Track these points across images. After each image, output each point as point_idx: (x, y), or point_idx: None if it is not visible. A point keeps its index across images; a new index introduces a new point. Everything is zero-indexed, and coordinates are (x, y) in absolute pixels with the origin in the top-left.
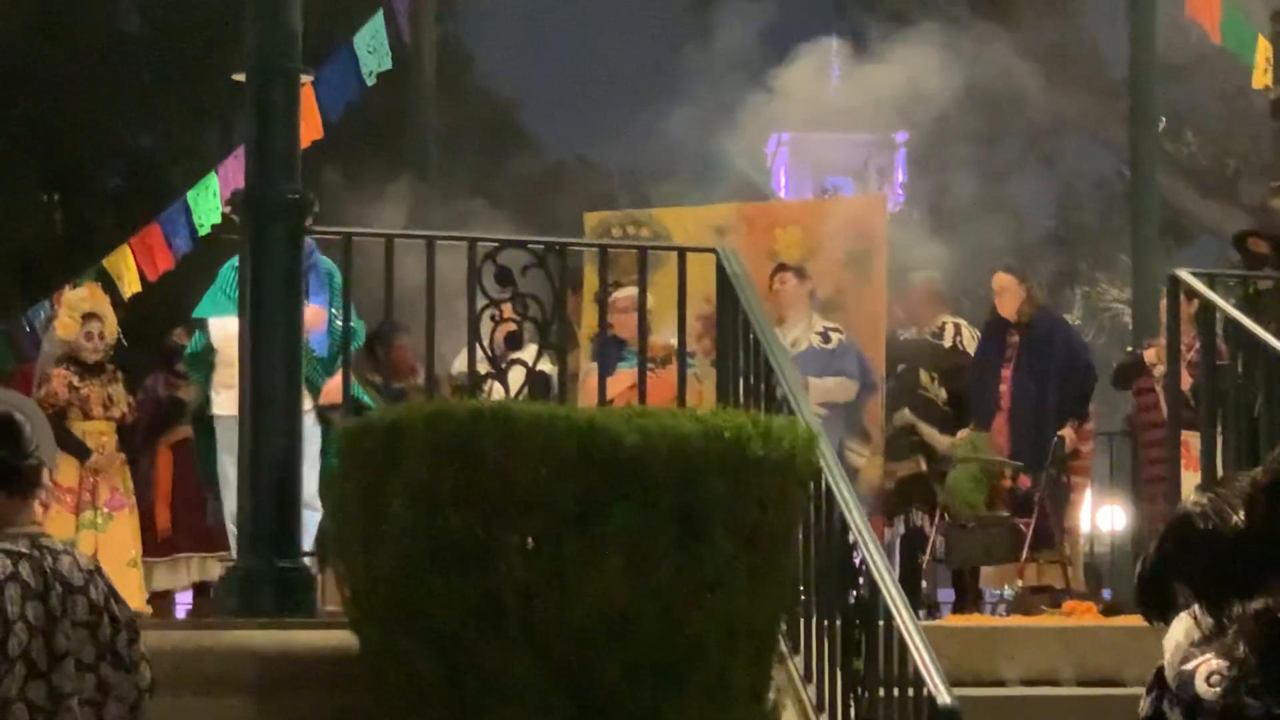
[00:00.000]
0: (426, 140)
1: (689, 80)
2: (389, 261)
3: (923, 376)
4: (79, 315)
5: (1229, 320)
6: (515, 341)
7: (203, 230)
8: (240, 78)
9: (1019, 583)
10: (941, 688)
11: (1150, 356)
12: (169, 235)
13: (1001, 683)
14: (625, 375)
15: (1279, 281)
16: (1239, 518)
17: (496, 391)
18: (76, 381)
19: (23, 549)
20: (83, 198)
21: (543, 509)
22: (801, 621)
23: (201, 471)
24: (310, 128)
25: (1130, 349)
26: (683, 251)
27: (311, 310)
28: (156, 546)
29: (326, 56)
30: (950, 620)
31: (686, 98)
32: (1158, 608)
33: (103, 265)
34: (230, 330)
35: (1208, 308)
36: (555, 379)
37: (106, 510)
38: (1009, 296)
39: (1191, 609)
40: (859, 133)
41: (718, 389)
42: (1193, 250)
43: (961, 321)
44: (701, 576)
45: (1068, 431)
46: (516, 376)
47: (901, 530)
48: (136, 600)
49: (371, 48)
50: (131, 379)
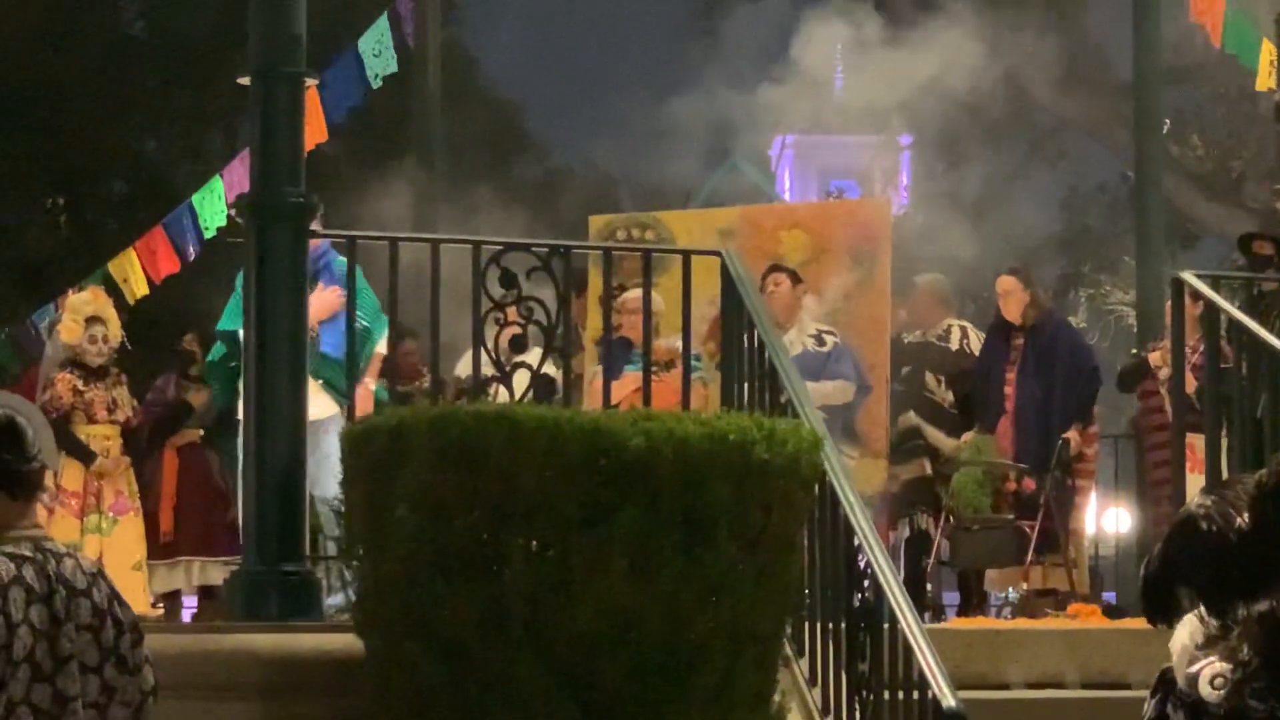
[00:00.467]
0: (431, 144)
1: (694, 83)
2: (393, 264)
3: (929, 379)
4: (82, 319)
5: (1233, 322)
6: (520, 345)
7: (208, 233)
8: (245, 81)
9: (1024, 586)
10: (946, 691)
11: (1155, 359)
12: (174, 238)
13: (1006, 686)
14: (633, 378)
15: None
16: (1243, 520)
17: (501, 395)
18: (80, 385)
19: (26, 552)
20: (88, 203)
21: (547, 513)
22: (806, 625)
23: (227, 475)
24: (315, 131)
25: (1135, 351)
26: (687, 254)
27: (322, 297)
28: (159, 549)
29: (332, 60)
30: (955, 623)
31: (691, 101)
32: (1162, 610)
33: (108, 269)
34: None
35: (1212, 310)
36: (560, 382)
37: (111, 514)
38: (1013, 300)
39: (1196, 612)
40: (863, 135)
41: (722, 392)
42: (1197, 253)
43: (967, 324)
44: (706, 580)
45: (1072, 434)
46: (521, 380)
47: (906, 533)
48: (141, 604)
49: (376, 51)
50: (137, 382)
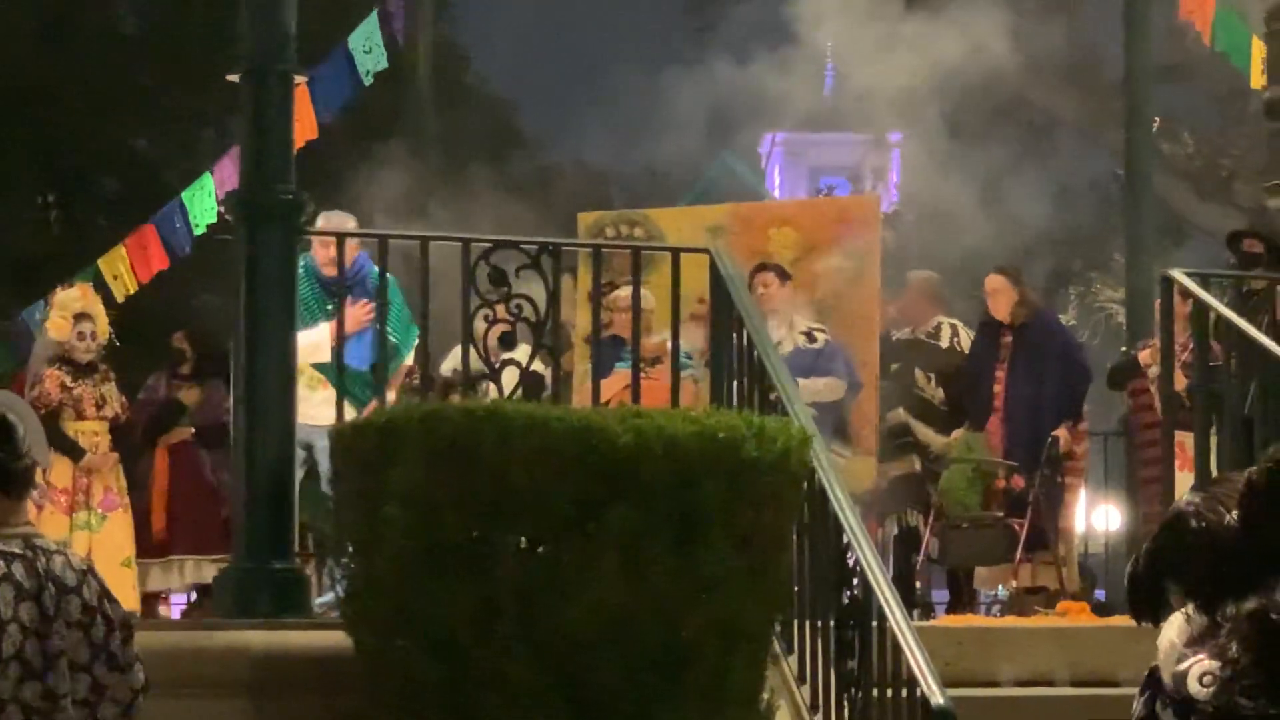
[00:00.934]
0: (422, 141)
1: (684, 81)
2: (383, 262)
3: (919, 376)
4: (71, 315)
5: (1223, 320)
6: (509, 342)
7: (198, 230)
8: (235, 79)
9: (1013, 583)
10: (935, 688)
11: (1145, 357)
12: (165, 236)
13: (996, 683)
14: (623, 376)
15: (1272, 281)
16: (1233, 518)
17: (491, 392)
18: (69, 382)
19: (16, 550)
20: (79, 200)
21: (538, 510)
22: (796, 622)
23: (219, 473)
24: (305, 128)
25: (1125, 349)
26: (676, 252)
27: (352, 312)
28: (152, 548)
29: (323, 57)
30: (944, 621)
31: (681, 98)
32: (1150, 608)
33: (98, 267)
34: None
35: (1202, 308)
36: (549, 379)
37: (100, 511)
38: (1002, 298)
39: (1183, 610)
40: (853, 132)
41: (711, 390)
42: (1188, 251)
43: (958, 322)
44: (697, 578)
45: (1062, 432)
46: (510, 377)
47: (895, 531)
48: (130, 600)
49: (367, 48)
50: (125, 379)
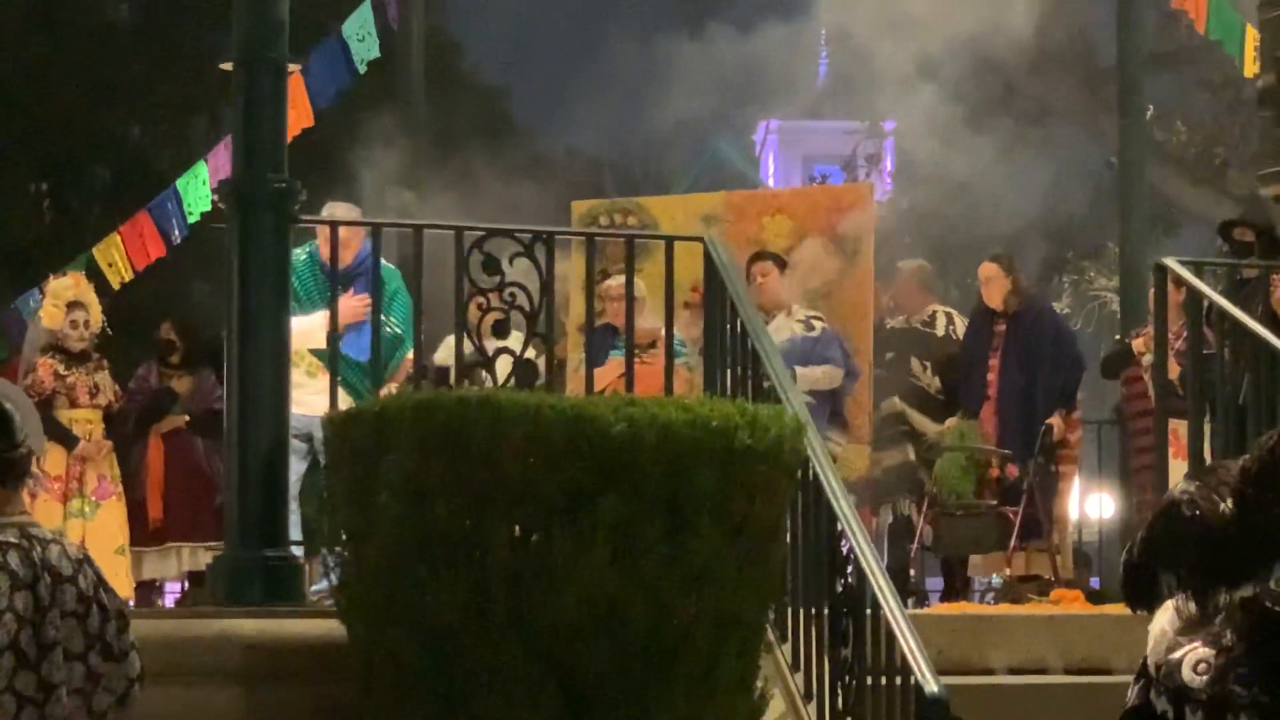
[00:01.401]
0: (415, 129)
1: (677, 69)
2: (375, 249)
3: (914, 365)
4: (64, 304)
5: (1216, 308)
6: (502, 330)
7: (192, 218)
8: (227, 67)
9: (1007, 571)
10: (929, 676)
11: (1138, 345)
12: (159, 223)
13: (989, 671)
14: (617, 364)
15: (1266, 269)
16: (1227, 505)
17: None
18: (62, 370)
19: (11, 539)
20: (71, 189)
21: (530, 499)
22: (789, 610)
23: (213, 461)
24: (300, 117)
25: (1118, 338)
26: (670, 240)
27: (348, 302)
28: (147, 536)
29: (316, 45)
30: (938, 609)
31: (675, 87)
32: (1143, 596)
33: (92, 255)
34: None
35: (1195, 296)
36: (542, 368)
37: (94, 499)
38: (995, 286)
39: (1176, 598)
40: (847, 121)
41: (705, 378)
42: (1181, 239)
43: (953, 311)
44: (689, 567)
45: (1055, 420)
46: (503, 366)
47: (890, 519)
48: (124, 589)
49: (360, 36)
50: (119, 368)
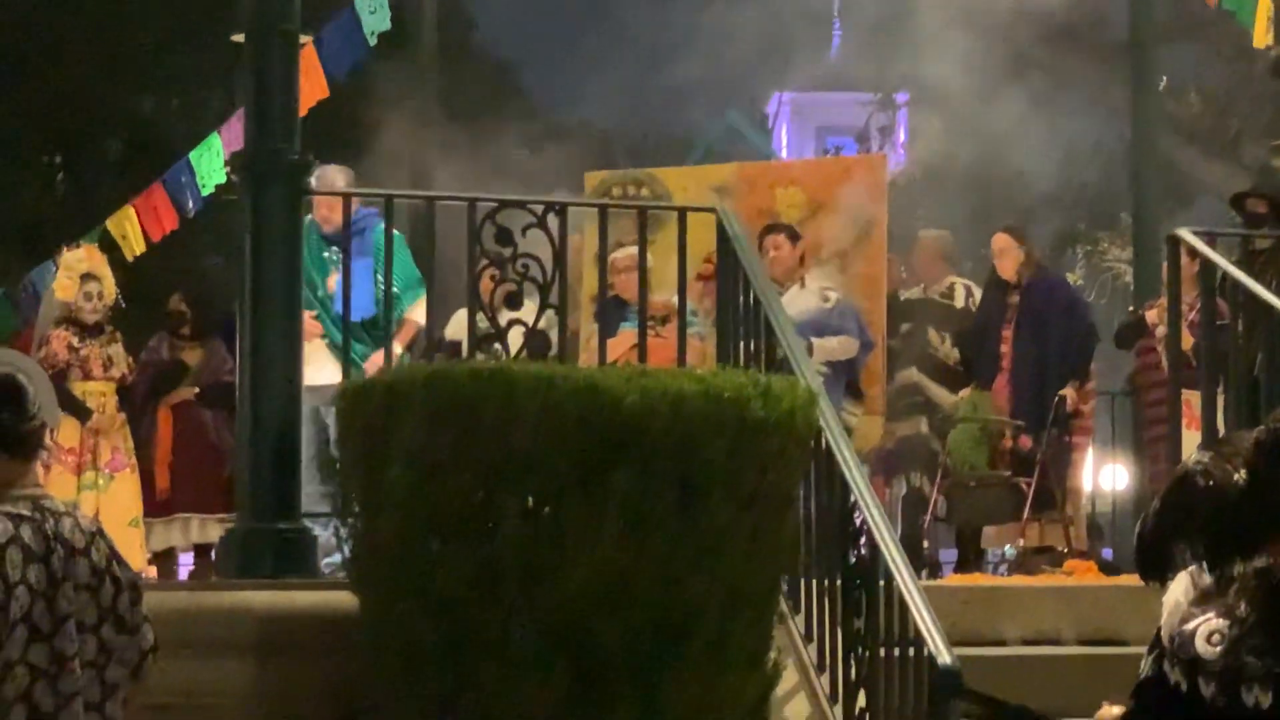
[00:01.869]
0: (427, 102)
1: (690, 41)
2: (388, 221)
3: (931, 335)
4: (77, 276)
5: (1229, 279)
6: (515, 302)
7: (205, 191)
8: (239, 39)
9: (1020, 542)
10: (942, 647)
11: (1152, 316)
12: (173, 196)
13: (1002, 642)
14: (627, 336)
15: (1278, 240)
16: (1241, 476)
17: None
18: (76, 342)
19: (24, 512)
20: (84, 161)
21: (542, 472)
22: (802, 582)
23: (222, 433)
24: (315, 88)
25: (1132, 309)
26: (683, 212)
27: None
28: (156, 507)
29: (329, 17)
30: (951, 580)
31: (688, 59)
32: (1157, 568)
33: (106, 227)
34: None
35: (1208, 267)
36: (555, 339)
37: (108, 471)
38: (1008, 258)
39: (1190, 569)
40: (860, 93)
41: (718, 349)
42: (1194, 211)
43: (971, 283)
44: (701, 539)
45: (1069, 391)
46: (516, 337)
47: (903, 490)
48: (138, 561)
49: (373, 8)
50: (132, 340)
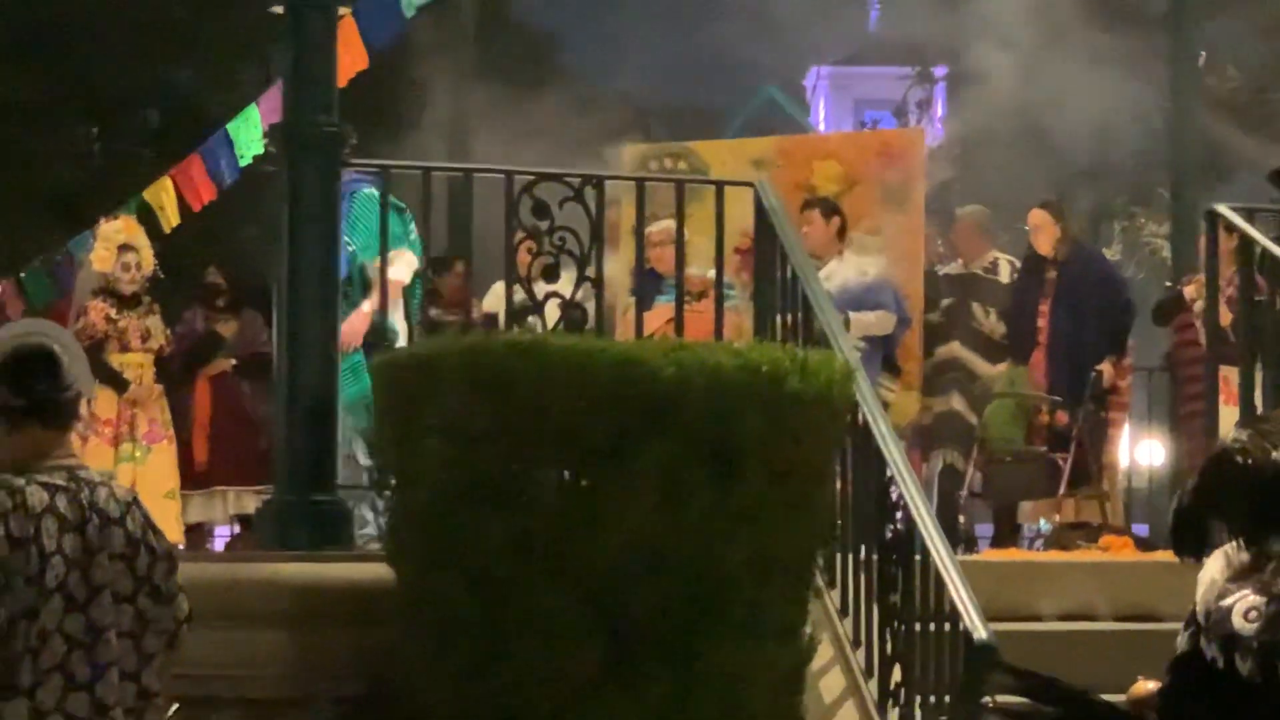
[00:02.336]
0: (466, 73)
1: (730, 14)
2: (426, 193)
3: (976, 310)
4: (115, 247)
5: (1268, 255)
6: (552, 275)
7: (244, 161)
8: (278, 10)
9: (1056, 518)
10: (978, 622)
11: (1189, 292)
12: (210, 166)
13: (1038, 618)
14: (664, 309)
15: None
16: (1278, 454)
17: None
18: (114, 314)
19: (60, 481)
20: (121, 132)
21: (577, 443)
22: (838, 556)
23: (258, 405)
24: (355, 60)
25: (1169, 284)
26: (720, 185)
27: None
28: (194, 479)
29: None
30: (987, 555)
31: (727, 32)
32: (1193, 545)
33: (143, 198)
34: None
35: (1246, 242)
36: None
37: (145, 443)
38: (1044, 233)
39: (1227, 546)
40: (898, 67)
41: (755, 323)
42: (1233, 186)
43: (1014, 258)
44: (736, 512)
45: (1106, 367)
46: (553, 310)
47: (940, 466)
48: (174, 533)
49: None
50: (169, 312)
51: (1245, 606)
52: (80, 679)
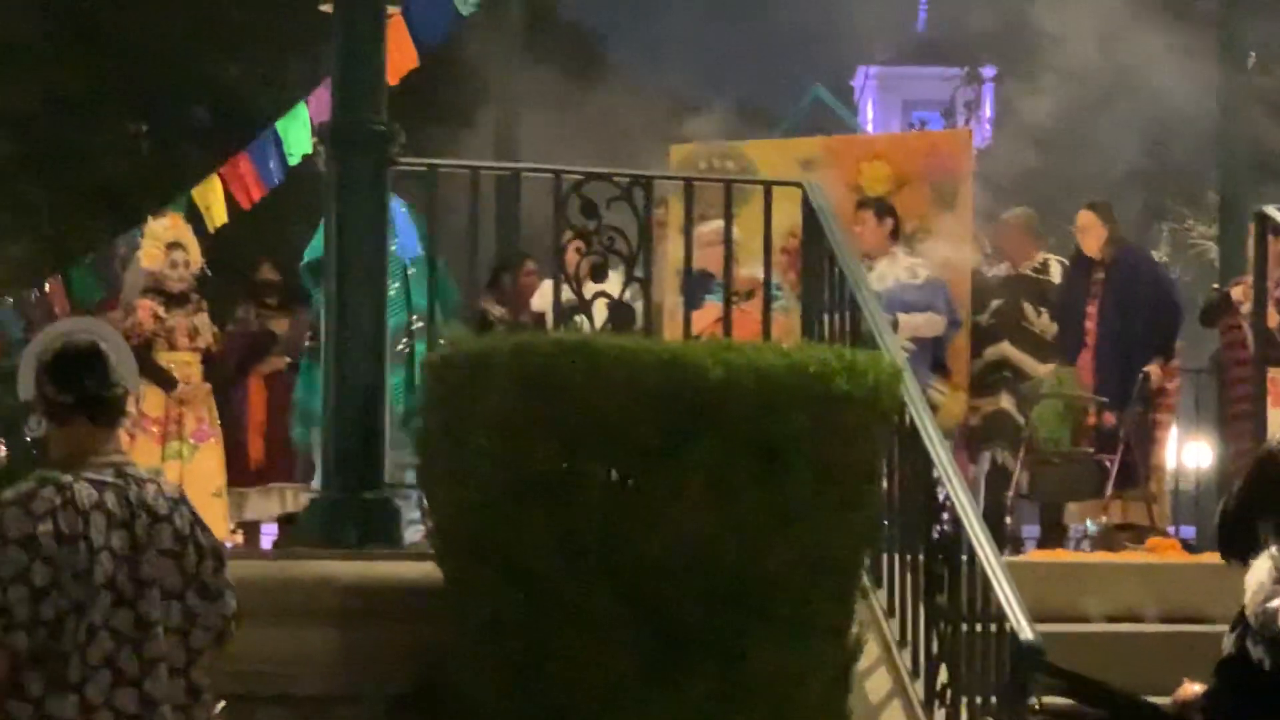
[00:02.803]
0: (515, 72)
1: (776, 14)
2: (474, 192)
3: (1027, 310)
4: (163, 245)
5: None
6: (600, 274)
7: (293, 160)
8: (327, 9)
9: (1103, 519)
10: (1024, 623)
11: (1237, 294)
12: (259, 165)
13: (1085, 619)
14: (711, 309)
15: None
16: None
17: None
18: (162, 312)
19: (108, 478)
20: (169, 129)
21: (625, 442)
22: (885, 557)
23: None
24: (405, 59)
25: (1216, 286)
26: (768, 185)
27: None
28: (250, 476)
29: None
30: (1034, 556)
31: (775, 32)
32: (1239, 547)
33: (191, 196)
34: None
35: None
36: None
37: (192, 441)
38: (1091, 234)
39: (1273, 548)
40: (946, 67)
41: (802, 323)
42: None
43: (1064, 259)
44: (783, 510)
45: (1153, 368)
46: (600, 309)
47: (986, 467)
48: (221, 531)
49: None
50: (217, 310)
51: None
52: (129, 674)
